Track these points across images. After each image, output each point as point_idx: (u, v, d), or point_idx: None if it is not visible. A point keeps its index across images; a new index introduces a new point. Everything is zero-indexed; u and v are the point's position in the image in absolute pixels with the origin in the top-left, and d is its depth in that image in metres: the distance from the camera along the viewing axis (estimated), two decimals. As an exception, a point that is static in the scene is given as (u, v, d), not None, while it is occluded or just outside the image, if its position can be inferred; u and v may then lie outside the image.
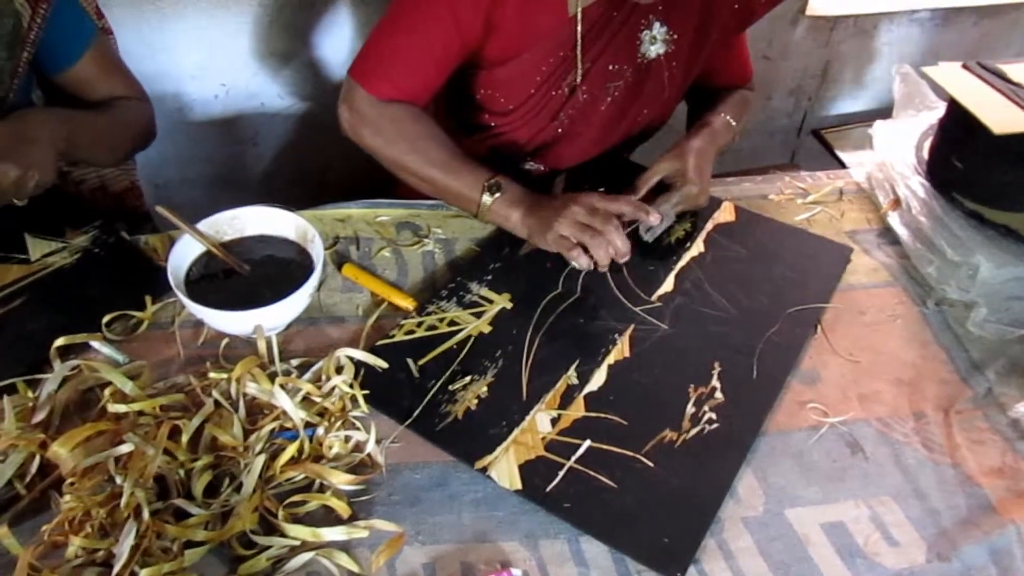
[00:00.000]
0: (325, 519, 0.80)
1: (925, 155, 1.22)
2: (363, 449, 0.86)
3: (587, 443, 0.87)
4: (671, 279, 1.08)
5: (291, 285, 0.95)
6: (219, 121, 1.75)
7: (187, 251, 1.01)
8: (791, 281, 1.08)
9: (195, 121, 1.73)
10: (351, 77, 1.11)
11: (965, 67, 1.16)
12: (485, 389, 0.92)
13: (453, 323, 1.00)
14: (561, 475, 0.84)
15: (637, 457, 0.86)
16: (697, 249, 1.13)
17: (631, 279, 1.07)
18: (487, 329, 1.00)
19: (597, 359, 0.96)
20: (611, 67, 1.15)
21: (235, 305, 0.92)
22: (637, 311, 1.03)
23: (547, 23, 1.08)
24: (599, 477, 0.84)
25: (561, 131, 1.21)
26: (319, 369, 0.93)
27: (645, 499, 0.82)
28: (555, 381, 0.94)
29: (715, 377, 0.95)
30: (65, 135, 1.04)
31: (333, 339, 0.99)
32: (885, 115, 1.34)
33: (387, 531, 0.79)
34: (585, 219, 1.01)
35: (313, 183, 1.93)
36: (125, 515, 0.75)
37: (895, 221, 1.19)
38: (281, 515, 0.78)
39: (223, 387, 0.89)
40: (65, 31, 1.10)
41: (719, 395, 0.93)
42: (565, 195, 1.06)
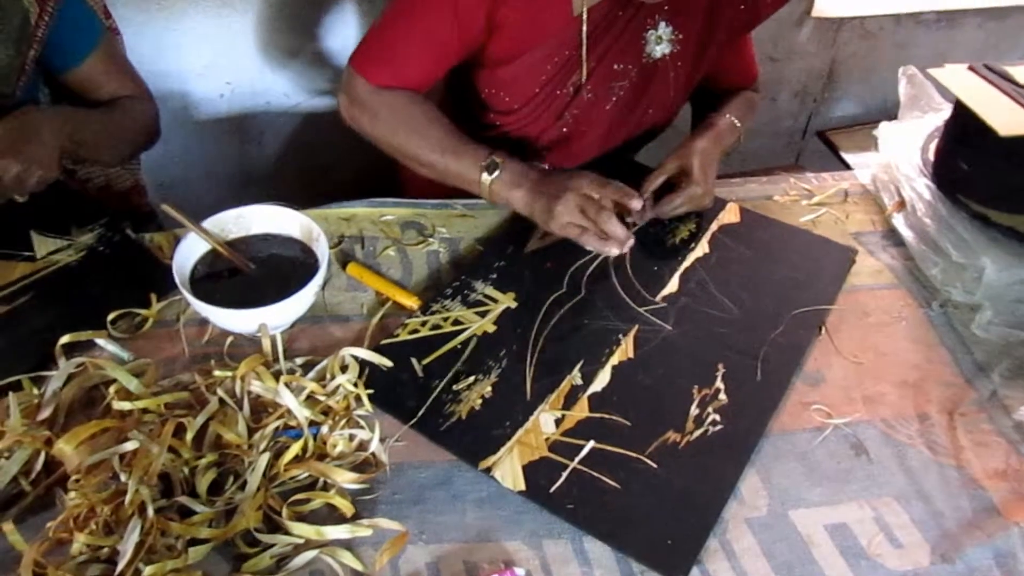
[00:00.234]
0: (329, 517, 0.80)
1: (931, 157, 1.22)
2: (367, 448, 0.86)
3: (591, 444, 0.87)
4: (675, 280, 1.08)
5: (296, 284, 0.95)
6: (224, 120, 1.76)
7: (192, 249, 1.01)
8: (795, 282, 1.08)
9: (200, 120, 1.74)
10: (351, 66, 1.11)
11: (971, 69, 1.16)
12: (489, 389, 0.92)
13: (457, 322, 1.00)
14: (565, 476, 0.84)
15: (641, 458, 0.86)
16: (702, 250, 1.13)
17: (635, 280, 1.07)
18: (491, 328, 1.00)
19: (601, 359, 0.96)
20: (616, 66, 1.15)
21: (240, 303, 0.92)
22: (641, 312, 1.03)
23: (551, 23, 1.08)
24: (603, 478, 0.84)
25: (566, 130, 1.21)
26: (323, 368, 0.93)
27: (648, 500, 0.82)
28: (559, 381, 0.94)
29: (719, 378, 0.95)
30: (68, 132, 1.04)
31: (337, 338, 0.99)
32: (890, 117, 1.34)
33: (391, 530, 0.79)
34: (583, 204, 1.01)
35: (318, 182, 1.93)
36: (129, 512, 0.76)
37: (900, 223, 1.19)
38: (285, 513, 0.79)
39: (228, 385, 0.89)
40: (72, 30, 1.11)
41: (723, 396, 0.93)
42: (561, 177, 1.05)
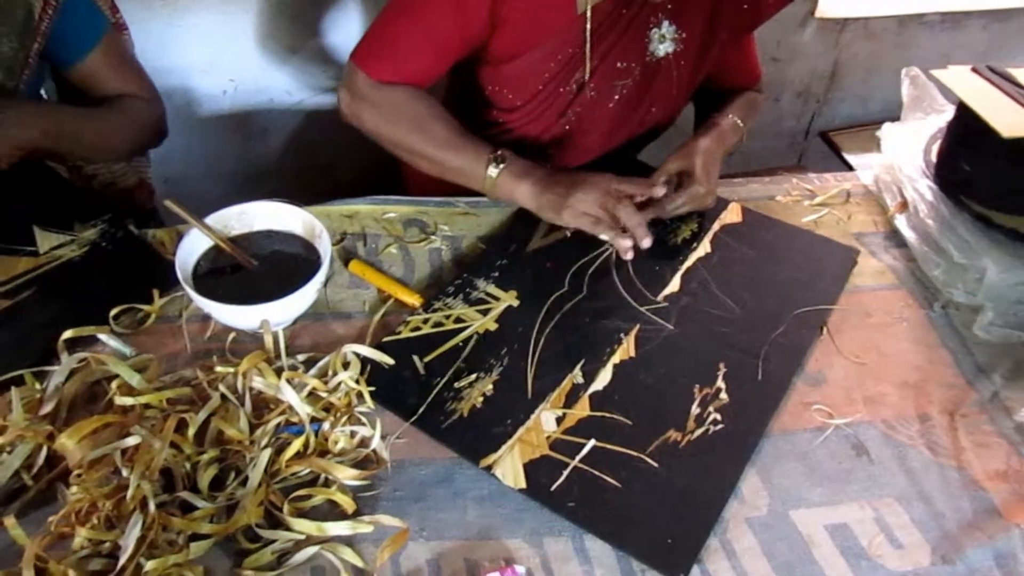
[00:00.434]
0: (330, 514, 0.80)
1: (933, 158, 1.22)
2: (368, 445, 0.86)
3: (592, 442, 0.87)
4: (677, 279, 1.08)
5: (298, 280, 0.95)
6: (227, 116, 1.76)
7: (195, 245, 1.01)
8: (797, 282, 1.08)
9: (203, 116, 1.74)
10: (352, 61, 1.11)
11: (974, 70, 1.16)
12: (490, 387, 0.92)
13: (459, 320, 1.00)
14: (566, 474, 0.84)
15: (641, 457, 0.86)
16: (704, 249, 1.13)
17: (637, 279, 1.07)
18: (493, 327, 1.00)
19: (602, 358, 0.96)
20: (619, 64, 1.15)
21: (242, 299, 0.92)
22: (643, 311, 1.03)
23: (555, 20, 1.08)
24: (603, 477, 0.84)
25: (569, 128, 1.21)
26: (325, 364, 0.93)
27: (649, 499, 0.82)
28: (560, 380, 0.94)
29: (720, 378, 0.95)
30: (42, 127, 1.04)
31: (339, 335, 1.00)
32: (893, 118, 1.34)
33: (392, 526, 0.79)
34: (601, 195, 1.03)
35: (320, 179, 1.93)
36: (131, 507, 0.76)
37: (902, 224, 1.19)
38: (286, 509, 0.79)
39: (230, 381, 0.89)
40: (76, 24, 1.11)
41: (724, 396, 0.93)
42: (572, 173, 1.07)
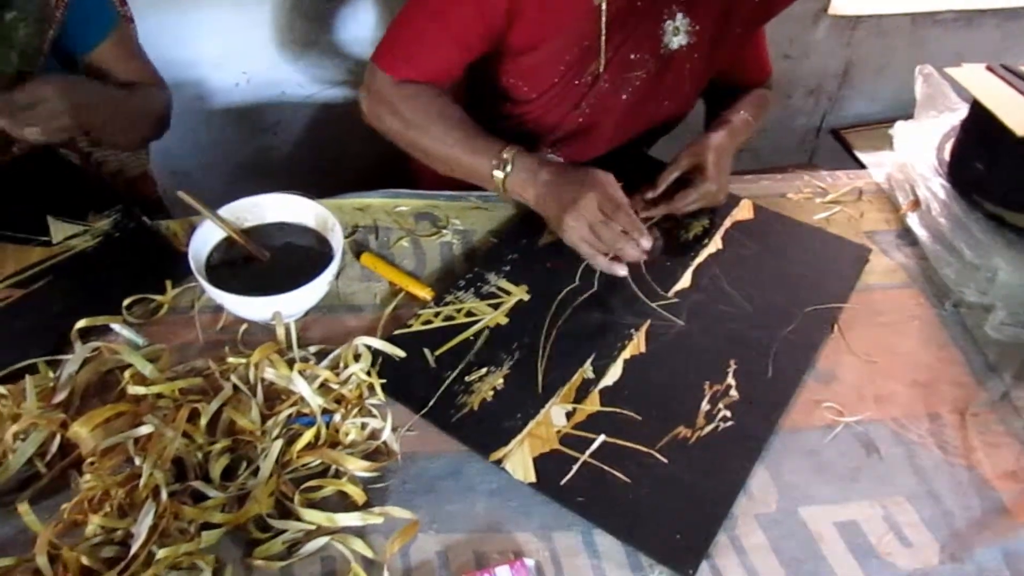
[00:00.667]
0: (340, 505, 0.81)
1: (946, 157, 1.22)
2: (379, 437, 0.86)
3: (601, 437, 0.87)
4: (688, 275, 1.08)
5: (310, 273, 0.95)
6: (240, 109, 1.76)
7: (208, 237, 1.01)
8: (808, 280, 1.08)
9: (216, 109, 1.74)
10: (373, 62, 1.12)
11: (988, 69, 1.16)
12: (501, 381, 0.93)
13: (470, 314, 1.00)
14: (575, 469, 0.84)
15: (651, 453, 0.86)
16: (715, 246, 1.13)
17: (648, 275, 1.07)
18: (504, 321, 1.00)
19: (613, 354, 0.96)
20: (633, 56, 1.14)
21: (254, 291, 0.93)
22: (654, 307, 1.03)
23: (571, 11, 1.08)
24: (613, 472, 0.84)
25: (582, 120, 1.21)
26: (337, 356, 0.93)
27: (658, 495, 0.82)
28: (571, 375, 0.94)
29: (730, 375, 0.95)
30: (74, 101, 1.01)
31: (351, 327, 1.00)
32: (905, 117, 1.34)
33: (402, 518, 0.80)
34: (592, 223, 1.00)
35: (333, 172, 1.93)
36: (143, 496, 0.76)
37: (914, 222, 1.19)
38: (297, 500, 0.79)
39: (241, 372, 0.90)
40: (86, 15, 1.11)
41: (734, 393, 0.93)
42: (572, 183, 1.02)
